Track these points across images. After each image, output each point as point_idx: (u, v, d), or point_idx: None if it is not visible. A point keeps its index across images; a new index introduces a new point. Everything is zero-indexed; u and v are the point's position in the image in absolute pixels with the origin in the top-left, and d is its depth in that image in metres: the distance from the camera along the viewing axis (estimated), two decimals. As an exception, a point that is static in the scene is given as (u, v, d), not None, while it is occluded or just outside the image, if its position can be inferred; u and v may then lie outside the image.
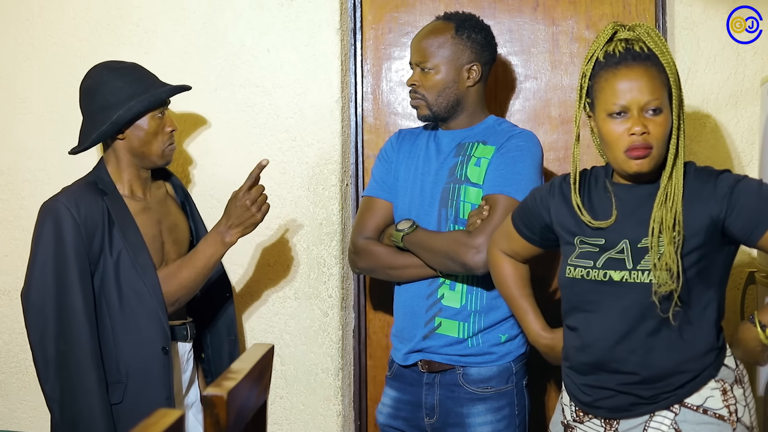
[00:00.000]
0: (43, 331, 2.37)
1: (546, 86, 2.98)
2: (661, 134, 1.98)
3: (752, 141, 2.84)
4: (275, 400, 2.98)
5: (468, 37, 2.53)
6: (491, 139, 2.54)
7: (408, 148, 2.66)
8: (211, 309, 2.73)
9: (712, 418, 2.01)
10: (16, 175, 3.06)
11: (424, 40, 2.55)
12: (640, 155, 1.97)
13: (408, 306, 2.58)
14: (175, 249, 2.57)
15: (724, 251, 2.03)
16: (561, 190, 2.15)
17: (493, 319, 2.52)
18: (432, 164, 2.59)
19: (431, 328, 2.53)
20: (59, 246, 2.37)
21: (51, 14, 3.03)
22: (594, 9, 2.95)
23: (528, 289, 2.31)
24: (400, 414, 2.58)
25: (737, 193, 1.97)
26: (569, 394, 2.15)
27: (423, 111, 2.56)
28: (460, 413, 2.50)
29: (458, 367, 2.51)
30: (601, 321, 2.05)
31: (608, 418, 2.07)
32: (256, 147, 2.98)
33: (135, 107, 2.44)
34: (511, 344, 2.53)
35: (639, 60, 1.99)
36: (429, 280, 2.54)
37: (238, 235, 2.49)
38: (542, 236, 2.22)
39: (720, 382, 2.03)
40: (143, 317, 2.42)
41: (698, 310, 2.01)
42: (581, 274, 2.06)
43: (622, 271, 2.01)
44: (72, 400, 2.35)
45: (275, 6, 2.97)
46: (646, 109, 1.97)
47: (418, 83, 2.54)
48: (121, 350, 2.42)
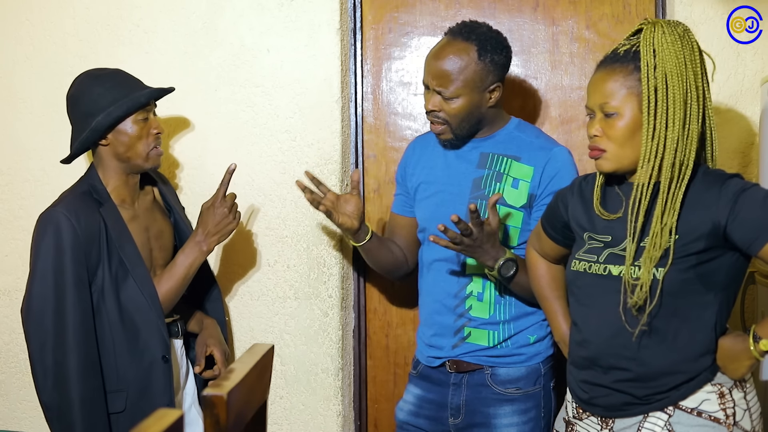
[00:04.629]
0: (42, 342, 2.37)
1: (546, 86, 2.98)
2: (614, 136, 2.01)
3: (752, 141, 2.84)
4: (275, 400, 2.98)
5: (491, 60, 2.41)
6: (525, 155, 2.46)
7: (425, 155, 2.61)
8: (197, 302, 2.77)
9: (707, 420, 2.00)
10: (16, 175, 3.06)
11: (444, 65, 2.40)
12: (594, 156, 2.06)
13: (435, 315, 2.55)
14: (162, 255, 2.59)
15: (729, 256, 2.01)
16: (580, 189, 2.19)
17: (523, 325, 2.50)
18: (452, 174, 2.53)
19: (461, 337, 2.51)
20: (59, 256, 2.37)
21: (51, 14, 3.03)
22: (594, 9, 2.95)
23: (560, 291, 2.34)
24: (423, 412, 2.56)
25: (741, 202, 1.95)
26: (570, 391, 2.18)
27: (447, 135, 2.48)
28: (487, 413, 2.48)
29: (486, 367, 2.49)
30: (598, 315, 2.07)
31: (604, 417, 2.09)
32: (256, 147, 2.98)
33: (114, 112, 2.45)
34: (540, 345, 2.51)
35: (611, 62, 2.03)
36: (456, 290, 2.51)
37: (216, 242, 2.56)
38: (564, 235, 2.25)
39: (717, 386, 2.02)
40: (143, 327, 2.45)
41: (695, 313, 2.00)
42: (584, 268, 2.09)
43: (621, 266, 2.02)
44: (70, 410, 2.36)
45: (275, 6, 2.97)
46: (603, 111, 2.03)
47: (438, 109, 2.43)
48: (121, 360, 2.43)
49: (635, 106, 2.00)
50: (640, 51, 1.99)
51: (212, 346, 2.64)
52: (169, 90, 2.60)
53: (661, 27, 1.99)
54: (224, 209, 2.54)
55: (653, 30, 1.99)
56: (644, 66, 1.97)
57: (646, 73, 1.97)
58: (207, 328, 2.68)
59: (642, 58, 1.98)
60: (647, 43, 1.98)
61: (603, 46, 2.91)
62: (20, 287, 2.92)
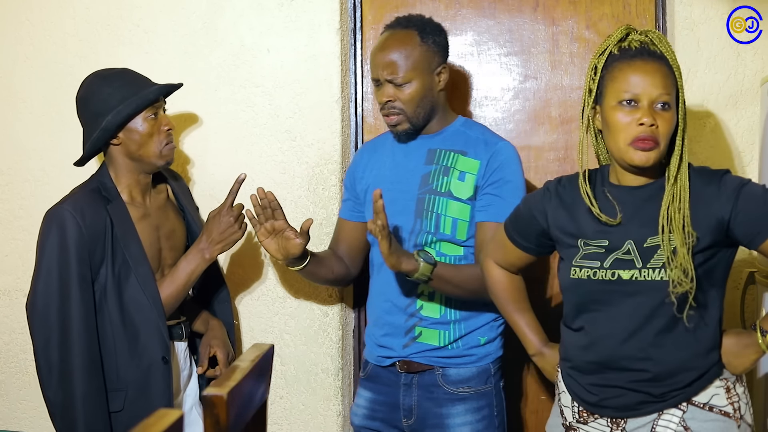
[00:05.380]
0: (47, 338, 2.38)
1: (546, 86, 2.98)
2: (667, 130, 1.99)
3: (752, 141, 2.84)
4: (275, 400, 2.98)
5: (434, 42, 2.49)
6: (471, 150, 2.51)
7: (374, 158, 2.64)
8: (205, 303, 2.76)
9: (718, 415, 2.03)
10: (16, 175, 3.06)
11: (391, 54, 2.47)
12: (647, 147, 1.97)
13: (385, 315, 2.56)
14: (172, 255, 2.59)
15: (726, 251, 2.05)
16: (558, 194, 2.15)
17: (474, 325, 2.52)
18: (400, 171, 2.56)
19: (411, 337, 2.52)
20: (63, 253, 2.38)
21: (51, 14, 3.03)
22: (594, 9, 2.95)
23: (525, 302, 2.31)
24: (377, 415, 2.57)
25: (743, 198, 1.99)
26: (572, 395, 2.14)
27: (404, 126, 2.51)
28: (440, 414, 2.49)
29: (437, 367, 2.50)
30: (609, 319, 2.05)
31: (615, 418, 2.07)
32: (256, 147, 2.98)
33: (123, 111, 2.45)
34: (490, 346, 2.53)
35: (653, 57, 2.02)
36: (407, 289, 2.52)
37: (219, 251, 2.55)
38: (538, 243, 2.21)
39: (724, 381, 2.05)
40: (144, 327, 2.45)
41: (703, 309, 2.02)
42: (587, 275, 2.06)
43: (631, 270, 2.01)
44: (73, 407, 2.37)
45: (275, 6, 2.97)
46: (656, 102, 1.99)
47: (393, 98, 2.48)
48: (121, 359, 2.43)
49: (675, 104, 2.02)
50: (659, 51, 2.02)
51: (216, 347, 2.64)
52: (177, 86, 2.60)
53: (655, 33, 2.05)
54: (230, 218, 2.53)
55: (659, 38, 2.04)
56: (676, 69, 2.02)
57: (680, 76, 2.02)
58: (212, 329, 2.68)
59: (668, 57, 2.02)
60: (665, 48, 2.03)
61: (603, 46, 2.91)
62: (20, 287, 2.93)
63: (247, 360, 1.62)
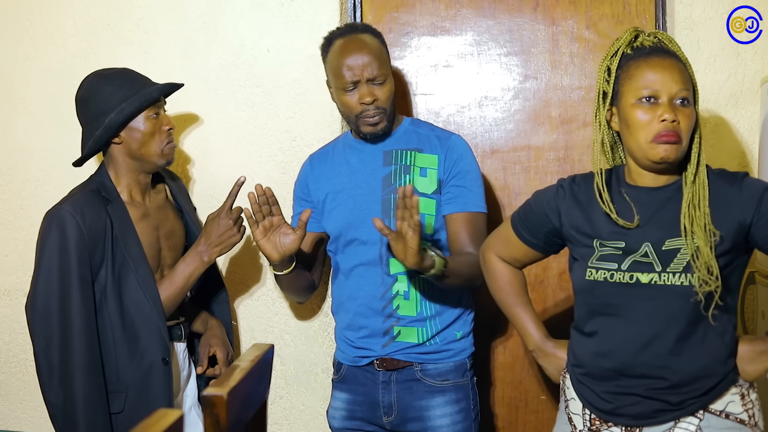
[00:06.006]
0: (47, 339, 2.38)
1: (546, 86, 2.98)
2: (688, 126, 1.97)
3: (752, 141, 2.84)
4: (275, 400, 2.98)
5: (383, 42, 2.56)
6: (426, 146, 2.54)
7: (326, 168, 2.62)
8: (204, 304, 2.76)
9: (734, 422, 2.00)
10: (16, 175, 3.06)
11: (367, 54, 2.47)
12: (671, 140, 1.94)
13: (361, 319, 2.55)
14: (171, 255, 2.58)
15: (742, 257, 2.02)
16: (572, 192, 2.11)
17: (448, 319, 2.54)
18: (359, 176, 2.55)
19: (390, 336, 2.53)
20: (63, 254, 2.38)
21: (51, 14, 3.03)
22: (594, 9, 2.95)
23: (525, 296, 2.28)
24: (356, 415, 2.57)
25: (766, 202, 1.96)
26: (584, 402, 2.09)
27: (383, 125, 2.51)
28: (419, 407, 2.50)
29: (416, 363, 2.52)
30: (625, 325, 2.01)
31: (630, 426, 2.03)
32: (256, 147, 2.98)
33: (126, 109, 2.45)
34: (465, 341, 2.57)
35: (668, 54, 2.01)
36: (382, 291, 2.52)
37: (217, 254, 2.55)
38: (546, 241, 2.18)
39: (739, 387, 2.02)
40: (144, 328, 2.44)
41: (720, 315, 1.98)
42: (604, 277, 2.01)
43: (650, 274, 1.98)
44: (73, 408, 2.36)
45: (275, 6, 2.97)
46: (676, 98, 1.96)
47: (376, 98, 2.47)
48: (121, 360, 2.43)
49: (693, 100, 2.01)
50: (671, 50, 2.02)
51: (215, 347, 2.63)
52: (179, 85, 2.60)
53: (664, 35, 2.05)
54: (229, 221, 2.53)
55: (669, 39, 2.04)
56: (687, 63, 2.02)
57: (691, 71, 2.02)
58: (212, 328, 2.68)
59: (681, 56, 2.02)
60: (675, 46, 2.03)
61: (603, 46, 2.91)
62: (20, 287, 2.92)
63: (247, 360, 1.61)
